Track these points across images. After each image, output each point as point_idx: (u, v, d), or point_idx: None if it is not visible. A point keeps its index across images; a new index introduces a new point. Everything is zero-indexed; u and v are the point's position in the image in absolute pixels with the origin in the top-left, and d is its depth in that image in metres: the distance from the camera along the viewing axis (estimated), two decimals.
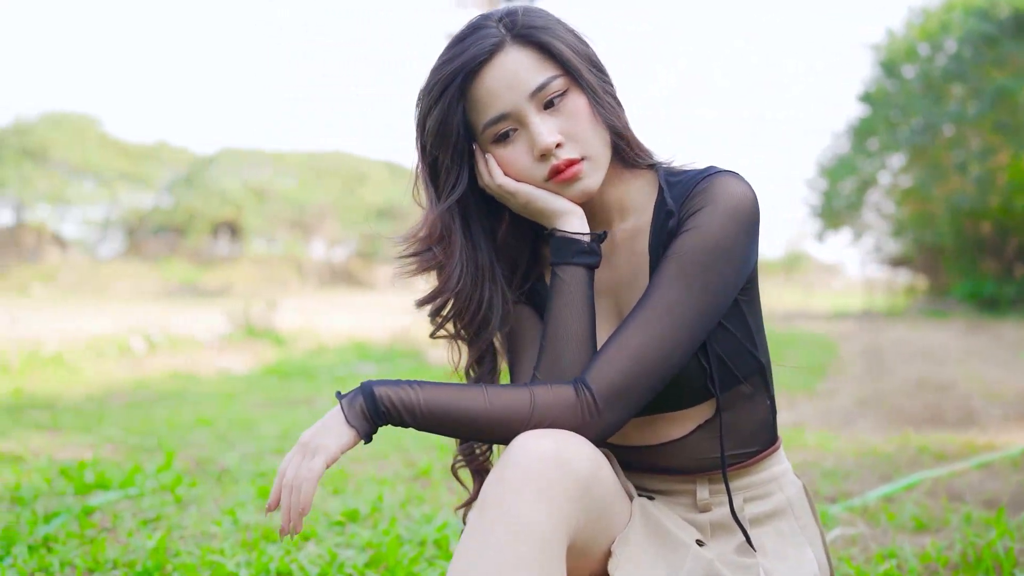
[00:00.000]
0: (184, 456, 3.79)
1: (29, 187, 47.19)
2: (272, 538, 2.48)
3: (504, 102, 1.27)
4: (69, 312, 21.70)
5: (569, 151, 1.28)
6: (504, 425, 1.21)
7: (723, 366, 1.31)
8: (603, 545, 1.24)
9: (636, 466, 1.40)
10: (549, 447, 1.15)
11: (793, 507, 1.38)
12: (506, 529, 1.10)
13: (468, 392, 1.23)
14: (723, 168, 1.32)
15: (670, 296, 1.24)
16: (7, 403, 5.96)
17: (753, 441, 1.37)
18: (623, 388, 1.22)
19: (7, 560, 2.31)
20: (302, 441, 1.21)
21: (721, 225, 1.25)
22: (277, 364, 8.95)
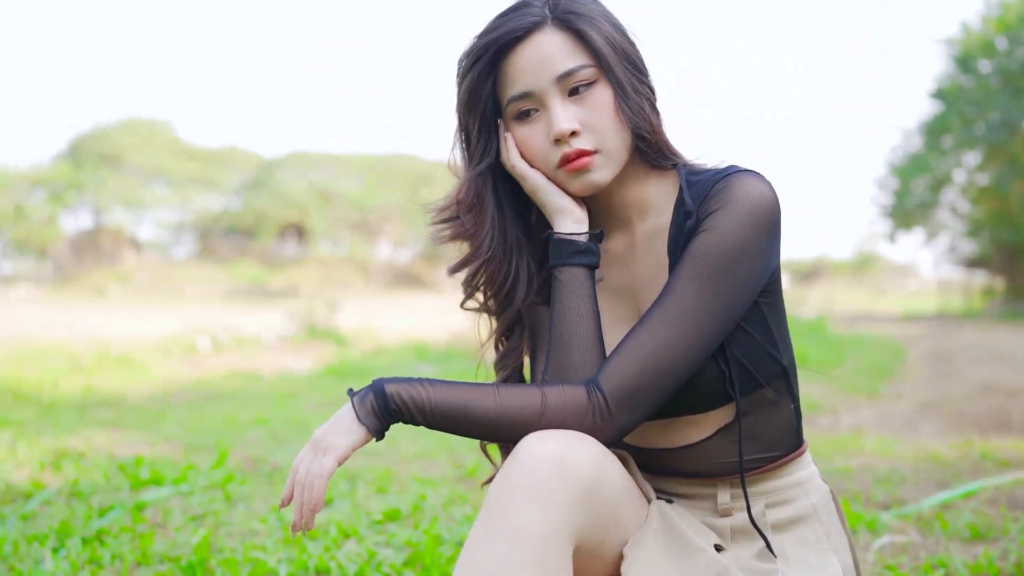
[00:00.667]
0: (238, 454, 3.87)
1: (106, 191, 48.67)
2: (313, 536, 2.51)
3: (530, 81, 1.28)
4: (142, 313, 22.31)
5: (583, 141, 1.28)
6: (514, 425, 1.21)
7: (743, 370, 1.28)
8: (615, 547, 1.23)
9: (657, 469, 1.38)
10: (553, 450, 1.14)
11: (818, 513, 1.34)
12: (506, 534, 1.09)
13: (479, 391, 1.22)
14: (743, 167, 1.29)
15: (684, 299, 1.22)
16: (76, 401, 6.16)
17: (776, 446, 1.34)
18: (635, 390, 1.21)
19: (61, 552, 2.39)
20: (314, 438, 1.22)
21: (738, 226, 1.22)
22: (336, 364, 9.07)
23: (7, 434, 4.40)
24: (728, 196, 1.23)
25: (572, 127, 1.26)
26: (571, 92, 1.28)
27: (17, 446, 4.02)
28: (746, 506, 1.30)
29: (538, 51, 1.27)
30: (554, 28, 1.27)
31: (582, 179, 1.29)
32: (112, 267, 45.19)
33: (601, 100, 1.28)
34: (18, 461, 3.67)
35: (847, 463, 3.55)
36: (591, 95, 1.27)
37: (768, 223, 1.24)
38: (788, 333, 1.36)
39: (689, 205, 1.27)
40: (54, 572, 2.21)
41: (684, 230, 1.27)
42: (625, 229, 1.38)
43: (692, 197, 1.27)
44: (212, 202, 51.88)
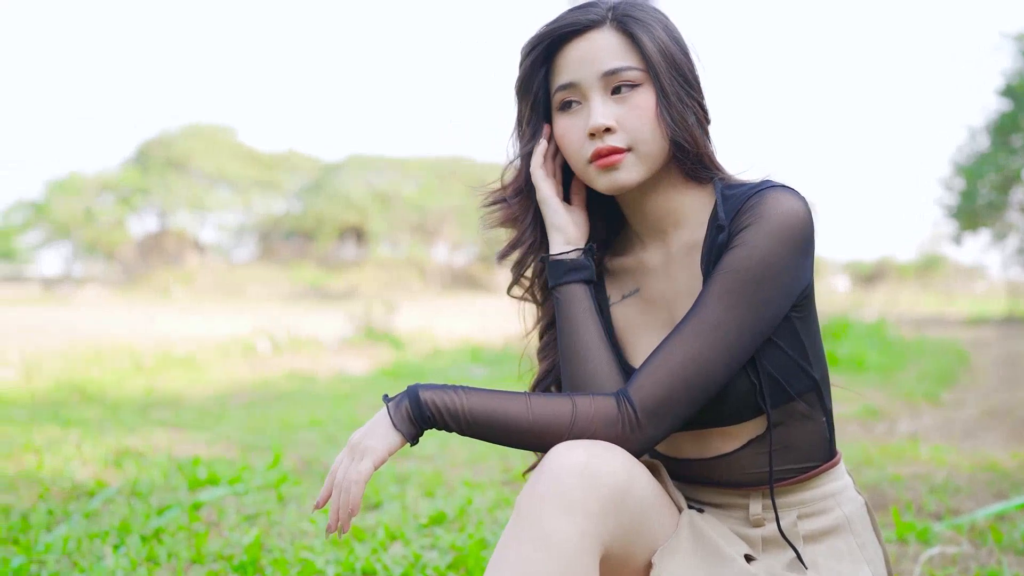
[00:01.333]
0: (292, 455, 3.95)
1: (171, 195, 49.81)
2: (361, 537, 2.56)
3: (576, 73, 1.32)
4: (204, 314, 22.80)
5: (617, 139, 1.30)
6: (544, 435, 1.23)
7: (774, 383, 1.29)
8: (644, 555, 1.24)
9: (691, 478, 1.39)
10: (580, 459, 1.16)
11: (852, 524, 1.34)
12: (534, 542, 1.12)
13: (511, 400, 1.25)
14: (777, 182, 1.29)
15: (714, 313, 1.23)
16: (139, 401, 6.34)
17: (808, 457, 1.34)
18: (664, 403, 1.22)
19: (121, 549, 2.48)
20: (351, 442, 1.26)
21: (769, 242, 1.23)
22: (393, 366, 9.18)
23: (74, 433, 4.55)
24: (760, 212, 1.24)
25: (608, 123, 1.29)
26: (614, 91, 1.31)
27: (83, 445, 4.16)
28: (776, 518, 1.31)
29: (590, 46, 1.31)
30: (611, 28, 1.32)
31: (610, 176, 1.31)
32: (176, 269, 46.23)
33: (642, 103, 1.30)
34: (83, 460, 3.80)
35: (900, 471, 3.49)
36: (633, 96, 1.30)
37: (800, 239, 1.25)
38: (821, 347, 1.36)
39: (722, 219, 1.28)
40: (114, 569, 2.29)
41: (717, 244, 1.28)
42: (661, 240, 1.40)
43: (726, 211, 1.28)
44: (273, 205, 52.77)
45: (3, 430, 4.68)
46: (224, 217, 53.03)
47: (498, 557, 1.14)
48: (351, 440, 1.27)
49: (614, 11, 1.32)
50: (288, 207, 52.72)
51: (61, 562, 2.37)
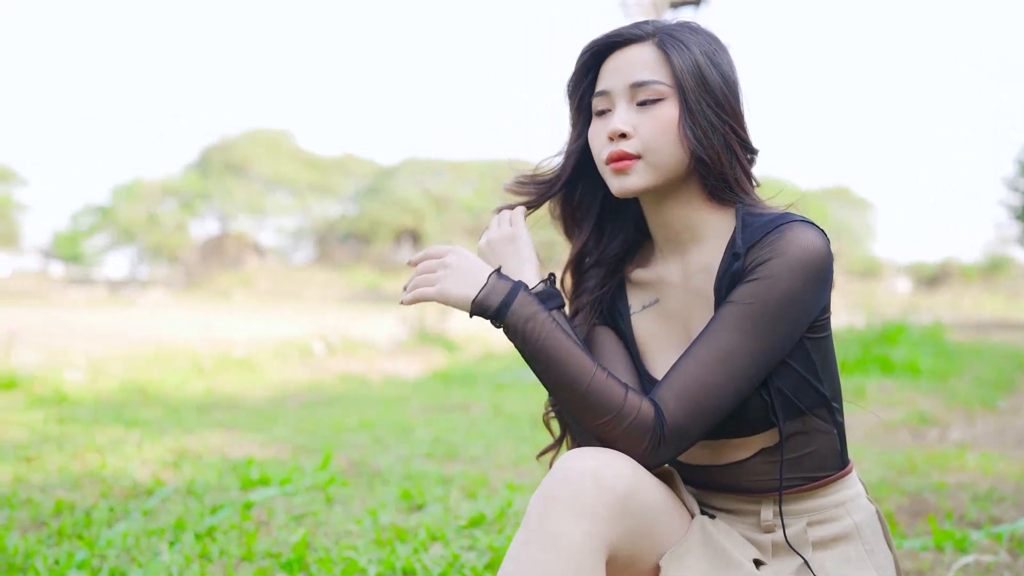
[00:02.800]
0: (341, 457, 4.06)
1: (231, 199, 50.78)
2: (403, 537, 2.65)
3: (610, 81, 1.41)
4: (263, 316, 23.24)
5: (630, 145, 1.37)
6: (588, 405, 1.29)
7: (785, 399, 1.34)
8: (652, 559, 1.30)
9: (705, 484, 1.45)
10: (589, 464, 1.22)
11: (861, 532, 1.39)
12: (544, 543, 1.18)
13: (584, 359, 1.30)
14: (798, 216, 1.34)
15: (732, 342, 1.29)
16: (197, 402, 6.53)
17: (818, 467, 1.39)
18: (685, 429, 1.29)
19: (177, 546, 2.60)
20: (452, 263, 1.34)
21: (788, 279, 1.28)
22: (445, 370, 9.29)
23: (135, 433, 4.73)
24: (780, 247, 1.29)
25: (623, 128, 1.37)
26: (640, 102, 1.38)
27: (143, 445, 4.33)
28: (782, 527, 1.36)
29: (627, 59, 1.40)
30: (650, 45, 1.40)
31: (620, 179, 1.39)
32: (236, 272, 47.14)
33: (663, 116, 1.37)
34: (143, 460, 3.96)
35: (944, 479, 3.48)
36: (656, 109, 1.37)
37: (817, 274, 1.30)
38: (834, 364, 1.41)
39: (739, 247, 1.33)
40: (169, 564, 2.41)
41: (731, 270, 1.33)
42: (680, 255, 1.46)
43: (744, 239, 1.33)
44: (330, 209, 53.53)
45: (69, 430, 4.88)
46: (282, 221, 53.95)
47: (509, 558, 1.21)
48: (452, 262, 1.34)
49: (661, 30, 1.40)
50: (344, 210, 53.41)
51: (120, 557, 2.50)
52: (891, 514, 2.92)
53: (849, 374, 8.08)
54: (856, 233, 50.26)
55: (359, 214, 51.36)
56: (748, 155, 1.42)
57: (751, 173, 1.43)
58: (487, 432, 5.04)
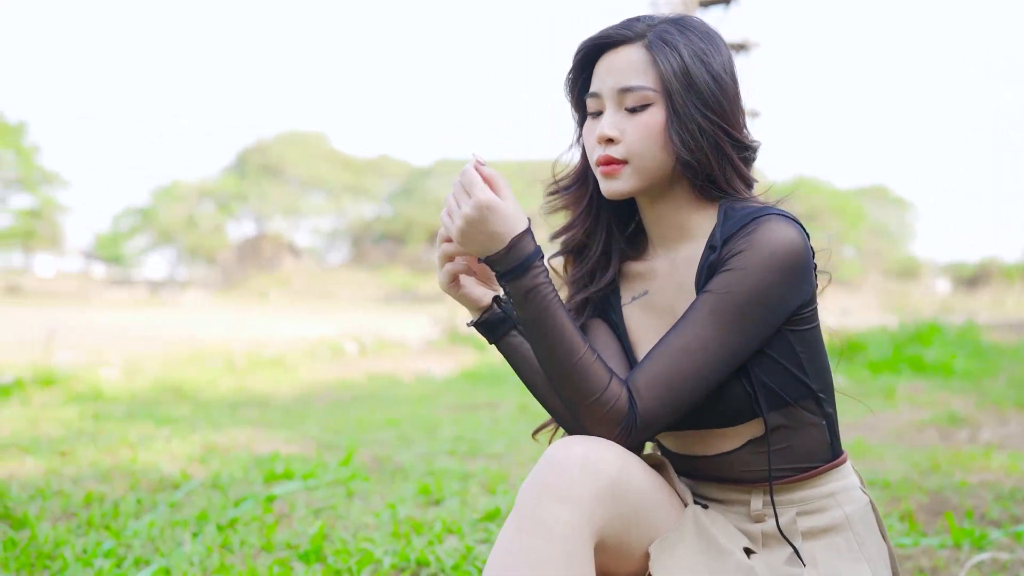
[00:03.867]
0: (365, 453, 4.12)
1: (268, 200, 51.34)
2: (420, 531, 2.69)
3: (600, 84, 1.42)
4: (298, 316, 23.48)
5: (616, 150, 1.40)
6: (572, 382, 1.31)
7: (768, 391, 1.36)
8: (642, 546, 1.32)
9: (696, 474, 1.48)
10: (577, 452, 1.25)
11: (852, 523, 1.40)
12: (531, 530, 1.21)
13: (577, 337, 1.32)
14: (776, 210, 1.36)
15: (703, 332, 1.31)
16: (229, 400, 6.64)
17: (808, 458, 1.40)
18: (656, 417, 1.32)
19: (199, 537, 2.66)
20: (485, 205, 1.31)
21: (759, 270, 1.30)
22: (474, 369, 9.34)
23: (166, 430, 4.83)
24: (754, 239, 1.31)
25: (610, 134, 1.39)
26: (627, 107, 1.40)
27: (173, 441, 4.42)
28: (774, 516, 1.38)
29: (617, 62, 1.41)
30: (641, 47, 1.40)
31: (607, 183, 1.42)
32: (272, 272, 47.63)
33: (650, 122, 1.38)
34: (172, 454, 4.04)
35: (968, 479, 3.45)
36: (642, 114, 1.39)
37: (790, 267, 1.32)
38: (823, 357, 1.42)
39: (716, 239, 1.36)
40: (191, 554, 2.47)
41: (709, 262, 1.36)
42: (669, 249, 1.48)
43: (723, 232, 1.35)
44: (365, 209, 53.92)
45: (103, 425, 4.99)
46: (318, 221, 54.43)
47: (499, 545, 1.24)
48: (485, 201, 1.31)
49: (652, 29, 1.41)
50: (379, 211, 53.76)
51: (145, 547, 2.56)
52: (911, 512, 2.91)
53: (879, 374, 8.01)
54: (894, 233, 49.62)
55: (393, 215, 51.68)
56: (743, 153, 1.43)
57: (744, 171, 1.43)
58: (511, 431, 5.08)
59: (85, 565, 2.37)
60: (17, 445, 4.24)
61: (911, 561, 2.46)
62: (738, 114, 1.42)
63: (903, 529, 2.74)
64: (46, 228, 47.02)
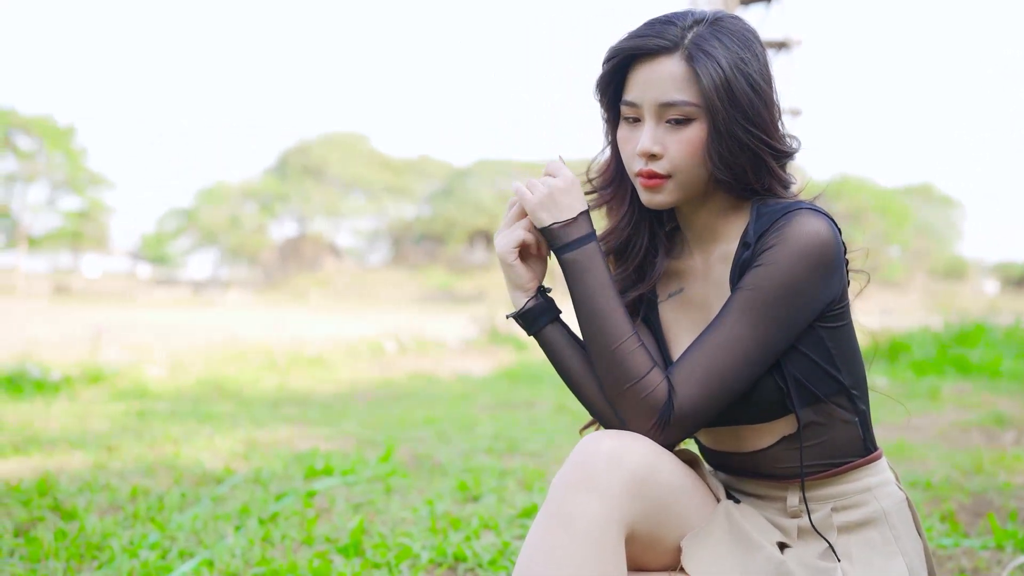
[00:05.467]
0: (404, 450, 4.16)
1: (309, 201, 51.82)
2: (457, 526, 2.72)
3: (639, 94, 1.40)
4: (339, 316, 23.68)
5: (660, 166, 1.39)
6: (613, 365, 1.33)
7: (800, 386, 1.36)
8: (674, 539, 1.33)
9: (733, 470, 1.49)
10: (606, 446, 1.26)
11: (888, 517, 1.40)
12: (561, 523, 1.22)
13: (624, 322, 1.35)
14: (807, 204, 1.36)
15: (737, 329, 1.32)
16: (271, 398, 6.73)
17: (842, 453, 1.40)
18: (692, 412, 1.32)
19: (242, 530, 2.71)
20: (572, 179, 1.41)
21: (790, 264, 1.31)
22: (513, 368, 9.36)
23: (209, 426, 4.91)
24: (784, 234, 1.32)
25: (653, 149, 1.38)
26: (668, 120, 1.38)
27: (215, 437, 4.50)
28: (807, 511, 1.38)
29: (656, 73, 1.38)
30: (679, 57, 1.37)
31: (649, 196, 1.42)
32: (313, 273, 48.10)
33: (691, 137, 1.37)
34: (215, 450, 4.12)
35: (1011, 480, 3.41)
36: (684, 130, 1.37)
37: (820, 260, 1.32)
38: (856, 353, 1.42)
39: (749, 236, 1.36)
40: (233, 547, 2.52)
41: (742, 259, 1.36)
42: (704, 248, 1.49)
43: (755, 229, 1.36)
44: (405, 210, 54.21)
45: (148, 422, 5.09)
46: (358, 222, 54.82)
47: (529, 539, 1.25)
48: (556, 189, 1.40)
49: (690, 38, 1.37)
50: (419, 212, 54.00)
51: (189, 539, 2.62)
52: (952, 512, 2.87)
53: (924, 375, 7.90)
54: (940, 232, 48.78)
55: (433, 215, 51.89)
56: (781, 160, 1.42)
57: (781, 175, 1.42)
58: (549, 428, 5.09)
59: (131, 556, 2.43)
60: (66, 440, 4.34)
61: (952, 562, 2.43)
62: (776, 120, 1.41)
63: (944, 530, 2.72)
64: (93, 229, 47.96)
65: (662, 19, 1.42)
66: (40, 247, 47.48)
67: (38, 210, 46.33)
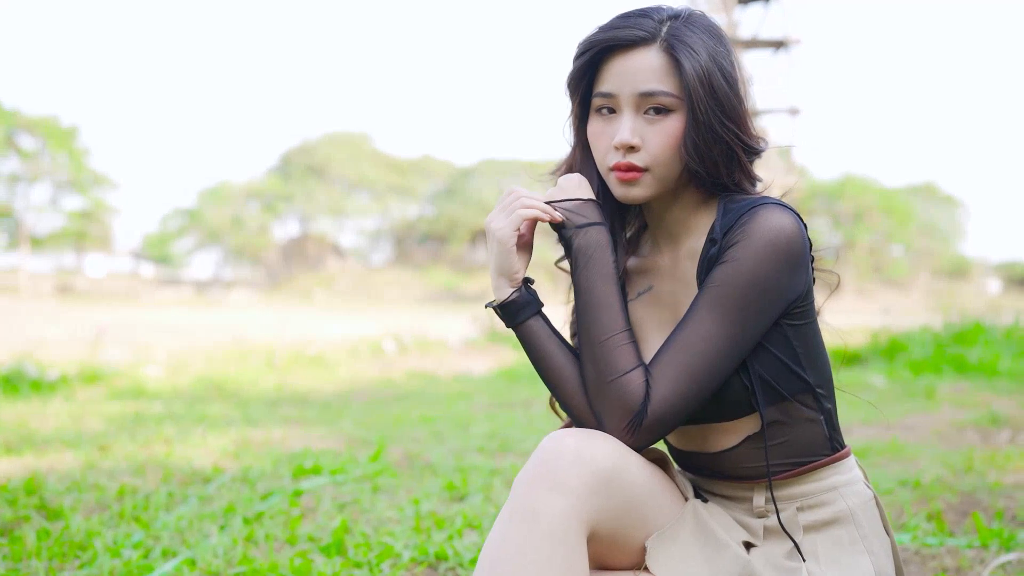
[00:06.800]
0: (397, 449, 4.16)
1: (313, 201, 51.87)
2: (441, 525, 2.72)
3: (616, 85, 1.38)
4: (342, 316, 23.70)
5: (638, 158, 1.37)
6: (600, 356, 1.33)
7: (766, 384, 1.36)
8: (639, 538, 1.33)
9: (699, 471, 1.48)
10: (569, 444, 1.26)
11: (855, 517, 1.39)
12: (525, 517, 1.22)
13: (619, 316, 1.35)
14: (771, 199, 1.35)
15: (705, 326, 1.31)
16: (269, 397, 6.74)
17: (807, 452, 1.40)
18: (665, 413, 1.31)
19: (226, 529, 2.71)
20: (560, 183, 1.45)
21: (756, 260, 1.30)
22: (511, 368, 9.36)
23: (203, 426, 4.92)
24: (749, 230, 1.31)
25: (633, 141, 1.36)
26: (647, 111, 1.37)
27: (208, 436, 4.51)
28: (775, 511, 1.38)
29: (634, 64, 1.37)
30: (658, 49, 1.36)
31: (625, 189, 1.40)
32: (317, 272, 48.15)
33: (670, 129, 1.36)
34: (207, 449, 4.12)
35: (1002, 480, 3.40)
36: (663, 121, 1.36)
37: (786, 255, 1.31)
38: (821, 351, 1.41)
39: (716, 233, 1.35)
40: (216, 546, 2.52)
41: (709, 256, 1.36)
42: (673, 245, 1.48)
43: (722, 225, 1.35)
44: (408, 210, 54.26)
45: (143, 422, 5.10)
46: (362, 222, 54.87)
47: (492, 535, 1.25)
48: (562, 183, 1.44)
49: (666, 30, 1.37)
50: (422, 211, 54.02)
51: (174, 539, 2.62)
52: (939, 512, 2.86)
53: (920, 374, 7.88)
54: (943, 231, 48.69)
55: (437, 215, 51.91)
56: (751, 156, 1.42)
57: (751, 171, 1.42)
58: (544, 428, 5.09)
59: (114, 555, 2.43)
60: (60, 440, 4.35)
61: (935, 561, 2.43)
62: (748, 115, 1.41)
63: (930, 529, 2.71)
64: (97, 229, 48.07)
65: (636, 12, 1.41)
66: (43, 247, 47.61)
67: (41, 210, 46.45)
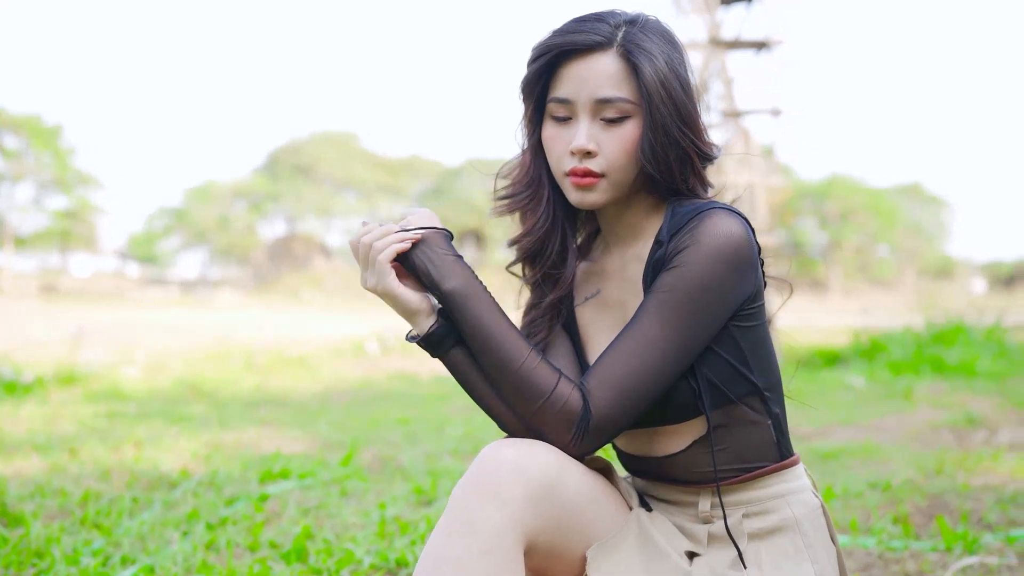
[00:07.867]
0: (369, 453, 4.14)
1: (300, 201, 51.75)
2: (405, 531, 2.70)
3: (572, 91, 1.36)
4: (329, 316, 23.64)
5: (595, 164, 1.36)
6: (518, 388, 1.30)
7: (713, 387, 1.34)
8: (579, 549, 1.31)
9: (646, 474, 1.47)
10: (509, 454, 1.24)
11: (800, 525, 1.38)
12: (461, 528, 1.21)
13: (519, 341, 1.32)
14: (720, 204, 1.34)
15: (652, 330, 1.30)
16: (247, 399, 6.70)
17: (754, 458, 1.39)
18: (610, 418, 1.30)
19: (189, 535, 2.68)
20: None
21: (703, 265, 1.29)
22: None
23: (176, 428, 4.88)
24: (696, 235, 1.30)
25: (589, 147, 1.35)
26: (603, 117, 1.36)
27: (180, 439, 4.47)
28: (723, 516, 1.36)
29: (591, 69, 1.35)
30: (615, 54, 1.35)
31: (581, 195, 1.38)
32: (304, 272, 48.03)
33: (627, 135, 1.35)
34: (177, 453, 4.09)
35: (971, 481, 3.40)
36: (620, 127, 1.35)
37: (733, 260, 1.30)
38: (770, 355, 1.40)
39: (662, 235, 1.34)
40: (176, 553, 2.49)
41: (655, 259, 1.34)
42: (622, 248, 1.47)
43: (669, 228, 1.34)
44: (396, 209, 54.16)
45: (116, 424, 5.06)
46: (349, 222, 54.76)
47: (429, 546, 1.23)
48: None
49: (622, 35, 1.35)
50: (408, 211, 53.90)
51: (134, 546, 2.59)
52: (906, 515, 2.86)
53: (899, 374, 7.90)
54: (929, 232, 48.93)
55: None
56: (705, 162, 1.41)
57: (704, 176, 1.42)
58: None
59: (71, 563, 2.39)
60: (29, 443, 4.31)
61: (898, 565, 2.42)
62: (701, 121, 1.40)
63: (896, 532, 2.71)
64: (82, 229, 47.77)
65: (591, 16, 1.39)
66: (27, 247, 47.30)
67: (25, 210, 46.14)
